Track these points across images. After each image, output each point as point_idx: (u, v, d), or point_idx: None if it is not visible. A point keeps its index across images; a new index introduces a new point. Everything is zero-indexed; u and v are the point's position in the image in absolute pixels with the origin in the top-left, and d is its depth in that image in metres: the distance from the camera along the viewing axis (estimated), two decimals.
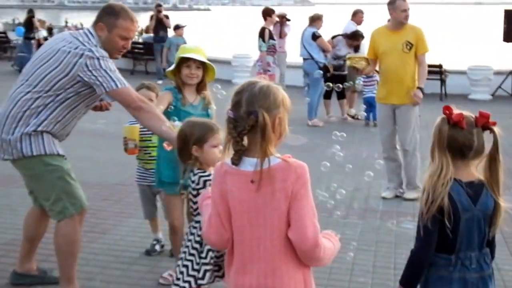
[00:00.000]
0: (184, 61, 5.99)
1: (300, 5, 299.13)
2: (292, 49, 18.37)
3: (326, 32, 16.38)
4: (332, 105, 16.46)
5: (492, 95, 20.26)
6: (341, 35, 16.37)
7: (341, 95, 16.15)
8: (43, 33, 26.12)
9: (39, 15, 33.46)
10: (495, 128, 3.81)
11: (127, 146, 6.59)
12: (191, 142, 4.69)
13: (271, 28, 17.11)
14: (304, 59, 15.93)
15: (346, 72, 15.87)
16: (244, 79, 14.68)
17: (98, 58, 5.50)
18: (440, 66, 19.83)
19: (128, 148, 6.59)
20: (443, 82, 19.92)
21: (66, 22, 55.53)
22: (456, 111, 3.77)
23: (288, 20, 18.18)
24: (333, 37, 16.44)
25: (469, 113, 3.83)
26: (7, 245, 7.15)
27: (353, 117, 16.21)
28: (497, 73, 20.27)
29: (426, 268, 3.86)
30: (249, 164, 3.37)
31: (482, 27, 67.20)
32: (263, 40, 16.74)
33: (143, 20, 27.23)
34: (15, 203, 8.33)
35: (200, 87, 6.09)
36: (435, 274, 3.84)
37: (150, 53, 24.40)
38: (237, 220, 3.46)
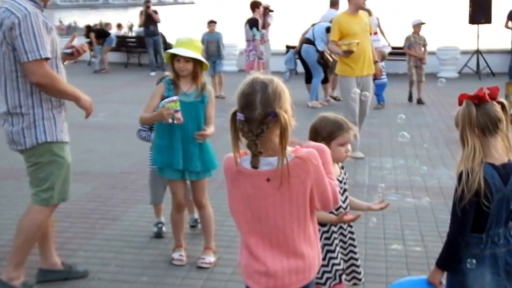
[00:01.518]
0: (175, 55, 5.92)
1: None
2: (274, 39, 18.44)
3: (307, 21, 16.29)
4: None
5: (459, 73, 20.43)
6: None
7: (324, 79, 16.08)
8: None
9: None
10: (504, 101, 3.74)
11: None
12: (320, 137, 4.38)
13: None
14: (305, 42, 15.84)
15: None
16: (231, 67, 14.73)
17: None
18: None
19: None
20: None
21: (60, 21, 55.26)
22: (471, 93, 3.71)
23: (271, 11, 18.07)
24: (313, 25, 16.27)
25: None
26: None
27: (335, 98, 16.15)
28: (464, 52, 20.41)
29: None
30: (264, 163, 3.26)
31: (448, 10, 67.32)
32: (257, 29, 16.71)
33: (133, 15, 27.21)
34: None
35: (194, 76, 5.97)
36: (468, 252, 3.78)
37: (143, 46, 24.21)
38: (254, 214, 3.39)
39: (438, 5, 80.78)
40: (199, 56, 5.95)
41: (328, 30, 15.30)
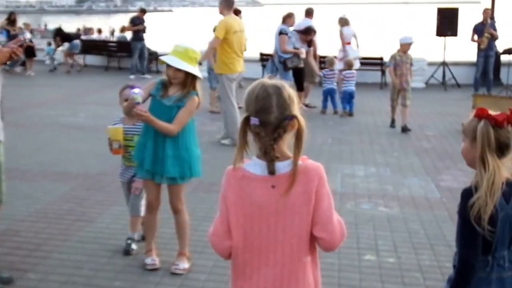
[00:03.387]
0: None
1: (251, 6, 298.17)
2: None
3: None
4: None
5: (426, 83, 20.38)
6: (296, 30, 16.00)
7: (300, 88, 15.80)
8: (27, 34, 25.50)
9: (22, 19, 32.68)
10: None
11: (112, 146, 6.15)
12: None
13: None
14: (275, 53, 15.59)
15: (302, 66, 15.46)
16: (204, 72, 14.09)
17: None
18: (381, 59, 19.98)
19: (113, 149, 6.16)
20: (383, 72, 19.93)
21: (46, 25, 54.77)
22: (491, 112, 3.36)
23: (240, 11, 17.85)
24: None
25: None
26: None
27: (307, 105, 15.89)
28: (430, 64, 20.30)
29: None
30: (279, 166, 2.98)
31: (415, 23, 67.67)
32: None
33: (115, 22, 27.00)
34: None
35: (183, 85, 5.64)
36: (474, 276, 3.41)
37: (123, 50, 24.36)
38: (255, 226, 3.03)
39: (406, 17, 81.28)
40: (189, 67, 5.57)
41: (280, 33, 15.17)
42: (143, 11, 23.60)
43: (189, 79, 5.63)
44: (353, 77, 15.34)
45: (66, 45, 25.01)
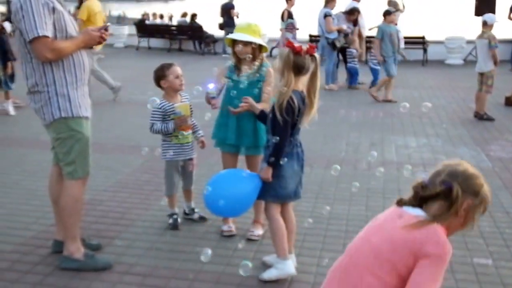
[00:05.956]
0: (235, 40, 5.51)
1: None
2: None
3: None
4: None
5: (464, 60, 20.03)
6: (342, 12, 15.78)
7: (345, 67, 15.54)
8: None
9: None
10: (316, 55, 4.66)
11: (186, 123, 5.90)
12: None
13: (291, 9, 16.61)
14: (320, 35, 15.52)
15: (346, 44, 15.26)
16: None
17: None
18: (423, 37, 19.78)
19: (187, 125, 5.93)
20: (425, 50, 19.64)
21: (109, 12, 54.93)
22: (297, 44, 4.61)
23: None
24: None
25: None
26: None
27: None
28: (469, 42, 19.71)
29: None
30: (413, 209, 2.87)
31: (456, 4, 66.42)
32: (282, 20, 16.28)
33: (172, 8, 26.91)
34: None
35: (253, 58, 5.51)
36: None
37: (183, 33, 24.89)
38: (357, 242, 2.97)
39: None
40: (255, 39, 5.46)
41: (325, 16, 14.91)
42: None
43: (257, 51, 5.53)
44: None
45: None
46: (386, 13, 13.95)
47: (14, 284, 4.79)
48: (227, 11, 23.04)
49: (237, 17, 23.04)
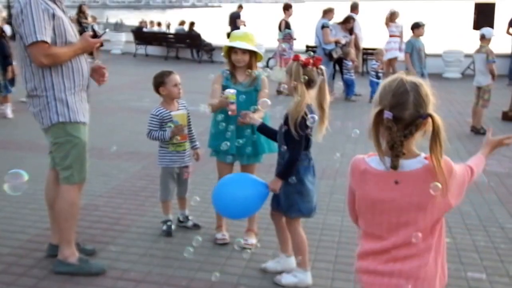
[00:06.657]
0: (232, 47, 5.56)
1: (292, 2, 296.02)
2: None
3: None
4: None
5: (462, 74, 20.07)
6: (336, 23, 15.87)
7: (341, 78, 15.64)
8: (95, 26, 25.62)
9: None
10: (322, 67, 4.68)
11: (183, 132, 5.98)
12: None
13: (289, 19, 16.67)
14: (317, 46, 15.57)
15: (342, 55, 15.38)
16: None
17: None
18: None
19: (184, 134, 6.00)
20: None
21: (107, 19, 55.10)
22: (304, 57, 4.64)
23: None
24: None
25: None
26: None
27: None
28: (467, 56, 19.75)
29: None
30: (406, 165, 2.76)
31: (455, 17, 66.55)
32: (280, 30, 16.33)
33: (170, 16, 27.03)
34: None
35: (249, 67, 5.60)
36: (300, 164, 4.83)
37: (181, 41, 24.82)
38: (376, 218, 2.84)
39: (445, 12, 79.94)
40: (254, 47, 5.58)
41: (322, 27, 15.00)
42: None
43: (253, 59, 5.62)
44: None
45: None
46: (415, 26, 13.29)
47: (10, 287, 4.85)
48: (233, 20, 23.35)
49: (244, 25, 23.33)
